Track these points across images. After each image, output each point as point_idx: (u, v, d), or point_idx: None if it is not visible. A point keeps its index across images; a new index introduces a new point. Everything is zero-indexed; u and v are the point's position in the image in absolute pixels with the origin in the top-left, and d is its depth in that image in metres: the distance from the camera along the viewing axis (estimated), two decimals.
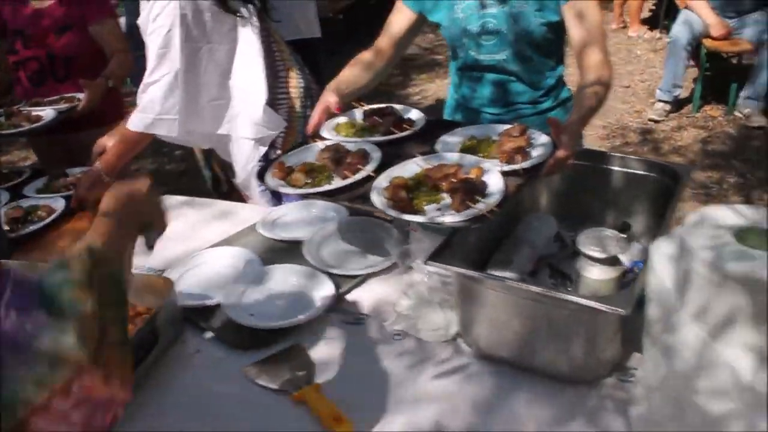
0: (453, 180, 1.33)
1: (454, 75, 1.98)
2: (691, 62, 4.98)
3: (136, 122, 2.01)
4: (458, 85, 1.97)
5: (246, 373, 1.33)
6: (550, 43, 1.80)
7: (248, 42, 2.03)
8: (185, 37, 1.91)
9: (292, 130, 2.13)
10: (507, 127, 1.53)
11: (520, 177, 1.35)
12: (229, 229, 1.86)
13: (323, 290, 1.50)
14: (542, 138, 1.48)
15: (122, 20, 3.71)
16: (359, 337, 1.41)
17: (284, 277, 1.58)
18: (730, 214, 1.10)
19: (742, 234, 1.05)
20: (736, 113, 4.81)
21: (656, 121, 4.83)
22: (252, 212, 1.97)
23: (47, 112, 2.59)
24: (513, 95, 1.87)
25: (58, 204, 2.09)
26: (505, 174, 1.35)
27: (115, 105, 2.81)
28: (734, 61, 5.00)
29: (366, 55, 1.88)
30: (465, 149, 1.50)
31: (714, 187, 3.96)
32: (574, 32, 1.69)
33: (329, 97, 1.67)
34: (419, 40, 6.43)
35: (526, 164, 1.38)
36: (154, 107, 1.97)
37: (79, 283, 0.80)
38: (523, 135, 1.47)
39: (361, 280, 1.55)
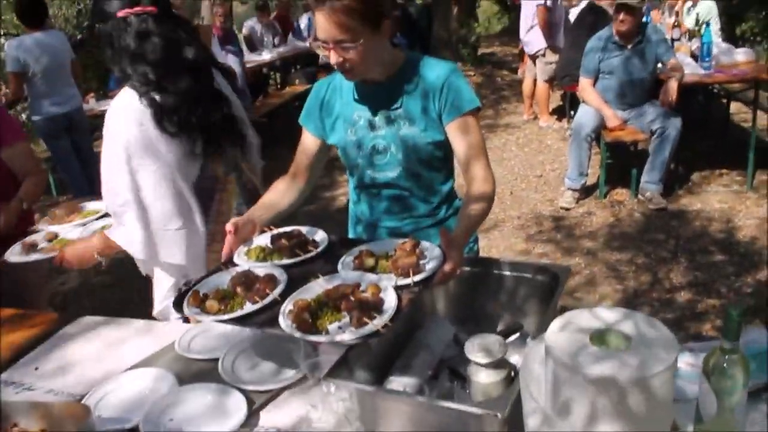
0: (351, 299, 1.44)
1: (352, 192, 2.12)
2: (597, 150, 5.36)
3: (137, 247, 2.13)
4: (357, 201, 2.11)
5: None
6: (438, 160, 1.96)
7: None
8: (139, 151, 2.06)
9: None
10: (401, 242, 1.67)
11: (412, 290, 1.48)
12: (148, 348, 1.91)
13: (237, 407, 1.56)
14: (434, 250, 1.62)
15: None
16: None
17: (200, 397, 1.63)
18: (589, 318, 1.24)
19: (599, 336, 1.19)
20: (639, 197, 5.16)
21: (567, 209, 5.13)
22: (170, 330, 2.02)
23: None
24: (408, 209, 2.02)
25: None
26: (399, 288, 1.48)
27: (25, 224, 2.83)
28: (632, 148, 5.39)
29: (281, 182, 2.02)
30: (364, 268, 1.62)
31: (624, 268, 4.20)
32: (458, 148, 1.87)
33: (228, 226, 1.77)
34: None
35: (417, 278, 1.51)
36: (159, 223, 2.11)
37: None
38: (415, 250, 1.60)
39: (274, 394, 1.62)
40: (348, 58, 1.75)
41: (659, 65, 5.11)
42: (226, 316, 1.54)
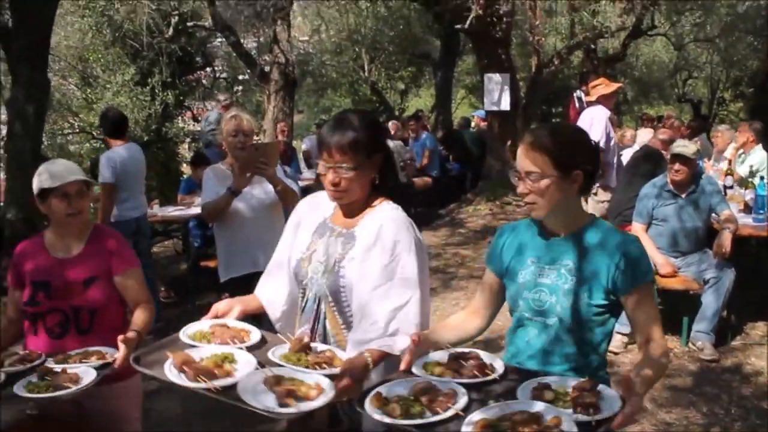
0: (534, 426, 1.53)
1: (510, 327, 2.20)
2: None
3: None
4: (512, 332, 2.18)
5: None
6: (595, 323, 2.03)
7: None
8: None
9: None
10: (580, 380, 1.79)
11: (592, 427, 1.59)
12: None
13: None
14: (611, 394, 1.74)
15: None
16: None
17: None
18: None
19: None
20: (690, 346, 5.07)
21: (616, 353, 5.06)
22: None
23: (85, 370, 2.31)
24: (554, 363, 2.05)
25: None
26: (579, 424, 1.57)
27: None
28: (684, 294, 5.36)
29: (460, 315, 2.22)
30: (544, 400, 1.71)
31: (675, 424, 4.09)
32: (635, 317, 2.04)
33: (413, 336, 1.90)
34: None
35: (599, 417, 1.61)
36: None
37: None
38: (594, 390, 1.71)
39: None
40: (533, 190, 1.95)
41: (713, 215, 5.16)
42: (406, 422, 1.63)
